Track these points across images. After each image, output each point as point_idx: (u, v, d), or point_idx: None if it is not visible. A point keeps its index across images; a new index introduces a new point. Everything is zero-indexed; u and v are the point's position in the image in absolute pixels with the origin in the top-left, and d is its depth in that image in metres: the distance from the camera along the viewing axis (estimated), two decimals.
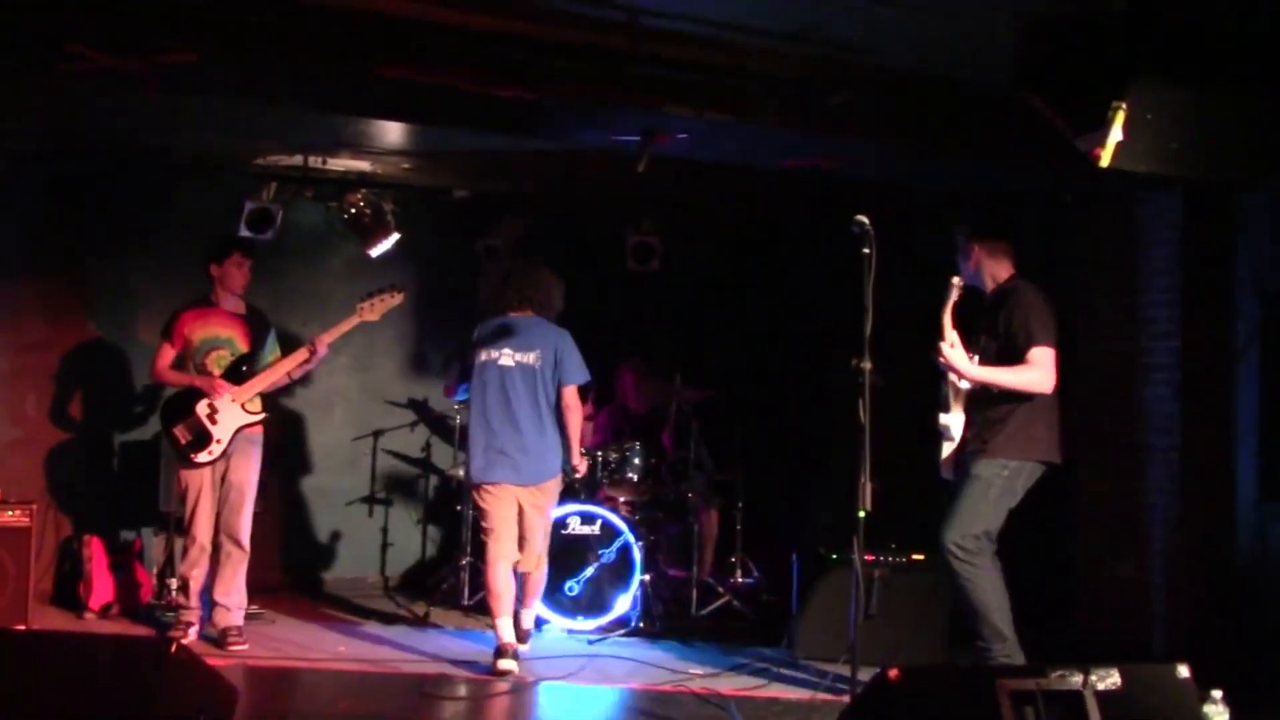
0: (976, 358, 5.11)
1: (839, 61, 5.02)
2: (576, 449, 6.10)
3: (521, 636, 5.98)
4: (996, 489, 5.12)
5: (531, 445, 5.77)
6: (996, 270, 5.32)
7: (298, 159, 7.13)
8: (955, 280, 5.15)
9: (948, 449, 5.24)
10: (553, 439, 5.86)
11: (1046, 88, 4.70)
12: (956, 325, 5.09)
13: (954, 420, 5.18)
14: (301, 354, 6.05)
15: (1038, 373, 5.03)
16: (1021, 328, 5.07)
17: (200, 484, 6.00)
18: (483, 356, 5.85)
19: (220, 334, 6.14)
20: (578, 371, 5.87)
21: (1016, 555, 6.44)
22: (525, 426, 5.76)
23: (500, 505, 5.78)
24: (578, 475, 6.42)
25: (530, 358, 5.82)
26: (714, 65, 5.08)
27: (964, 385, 5.16)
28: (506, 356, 5.82)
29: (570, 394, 5.86)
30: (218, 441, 5.97)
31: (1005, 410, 5.12)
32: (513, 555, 5.80)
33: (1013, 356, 5.08)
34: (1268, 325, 5.72)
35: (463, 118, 5.71)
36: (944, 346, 5.01)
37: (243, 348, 6.14)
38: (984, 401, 5.16)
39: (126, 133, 6.76)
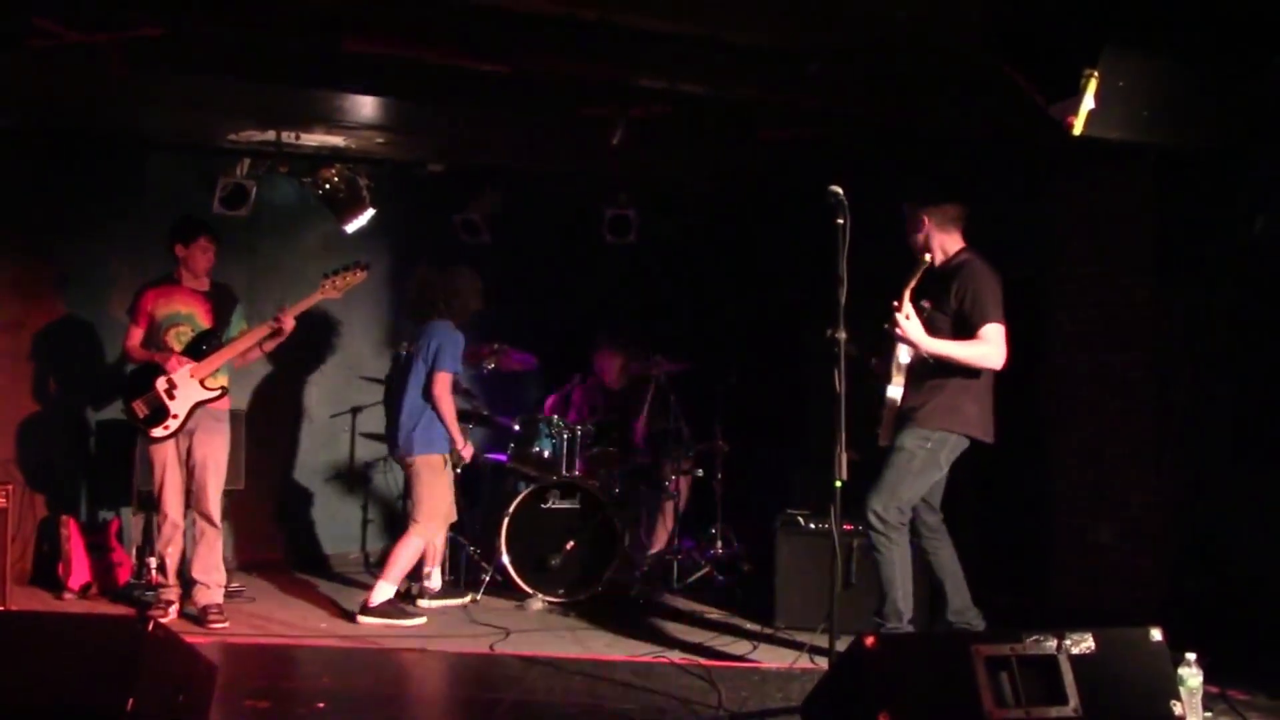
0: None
1: (813, 29, 5.00)
2: (456, 435, 6.44)
3: (421, 591, 6.70)
4: (919, 460, 5.15)
5: (404, 422, 6.37)
6: (947, 241, 5.30)
7: (271, 134, 7.07)
8: (926, 257, 5.15)
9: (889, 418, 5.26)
10: (429, 419, 6.34)
11: (1019, 55, 4.70)
12: (913, 299, 5.07)
13: (897, 393, 5.19)
14: (264, 329, 6.05)
15: (990, 348, 5.05)
16: (974, 303, 5.08)
17: (165, 460, 6.03)
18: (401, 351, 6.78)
19: (181, 310, 6.13)
20: (446, 360, 6.34)
21: (993, 520, 6.48)
22: (406, 405, 6.38)
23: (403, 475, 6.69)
24: (463, 461, 6.65)
25: (417, 347, 6.47)
26: (687, 35, 5.06)
27: (904, 359, 5.15)
28: (405, 348, 6.67)
29: (437, 381, 6.30)
30: (174, 416, 5.96)
31: (937, 382, 5.15)
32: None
33: (965, 331, 5.10)
34: (1242, 290, 5.74)
35: (434, 91, 5.68)
36: (900, 318, 4.98)
37: (204, 324, 6.13)
38: (923, 374, 5.17)
39: (97, 109, 6.69)
